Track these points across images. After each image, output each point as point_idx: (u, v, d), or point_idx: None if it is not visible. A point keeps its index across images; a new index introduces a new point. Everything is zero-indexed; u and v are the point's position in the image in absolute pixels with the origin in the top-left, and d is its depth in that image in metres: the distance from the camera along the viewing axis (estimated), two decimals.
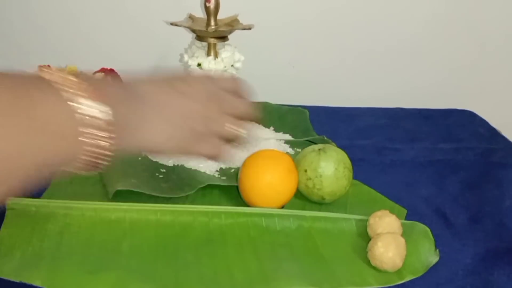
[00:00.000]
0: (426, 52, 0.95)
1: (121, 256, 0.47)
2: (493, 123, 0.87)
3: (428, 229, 0.53)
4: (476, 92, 1.00)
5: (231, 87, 0.46)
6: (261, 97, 0.87)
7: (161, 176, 0.62)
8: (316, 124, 0.80)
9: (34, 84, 0.32)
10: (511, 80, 1.02)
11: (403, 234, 0.50)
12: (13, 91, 0.30)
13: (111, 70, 0.82)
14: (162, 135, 0.40)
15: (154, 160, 0.65)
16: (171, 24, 0.66)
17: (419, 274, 0.48)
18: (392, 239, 0.47)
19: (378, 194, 0.60)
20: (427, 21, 0.92)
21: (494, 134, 0.83)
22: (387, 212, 0.51)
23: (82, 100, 0.32)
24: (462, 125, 0.85)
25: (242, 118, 0.46)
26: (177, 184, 0.59)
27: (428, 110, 0.91)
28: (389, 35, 0.92)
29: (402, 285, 0.46)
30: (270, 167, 0.55)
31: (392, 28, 0.92)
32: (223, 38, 0.65)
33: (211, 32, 0.63)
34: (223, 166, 0.64)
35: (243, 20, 0.67)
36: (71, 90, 0.32)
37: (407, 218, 0.56)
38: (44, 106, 0.31)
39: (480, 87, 1.01)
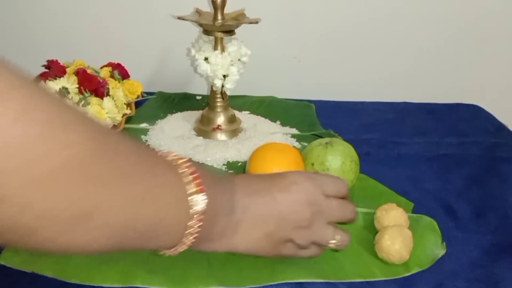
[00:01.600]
0: (432, 46, 0.95)
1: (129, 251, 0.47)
2: (500, 117, 0.87)
3: (434, 222, 0.54)
4: (482, 86, 1.00)
5: (336, 191, 0.44)
6: (267, 92, 0.88)
7: None
8: (322, 118, 0.80)
9: (159, 160, 0.34)
10: None
11: (410, 227, 0.50)
12: (142, 162, 0.31)
13: (118, 65, 0.83)
14: (253, 244, 0.40)
15: None
16: (178, 18, 0.66)
17: (426, 267, 0.48)
18: (398, 232, 0.47)
19: (385, 188, 0.60)
20: (433, 15, 0.92)
21: (500, 128, 0.83)
22: (394, 205, 0.52)
23: (198, 197, 0.34)
24: (468, 120, 0.85)
25: (344, 222, 0.45)
26: None
27: (434, 105, 0.91)
28: (394, 30, 0.92)
29: (408, 278, 0.47)
30: (277, 160, 0.55)
31: (397, 23, 0.91)
32: (230, 32, 0.65)
33: (218, 26, 0.63)
34: (230, 160, 0.65)
35: (250, 15, 0.67)
36: (193, 185, 0.34)
37: (414, 211, 0.57)
38: (166, 189, 0.33)
39: (487, 81, 1.01)
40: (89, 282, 0.43)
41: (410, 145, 0.74)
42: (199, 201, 0.34)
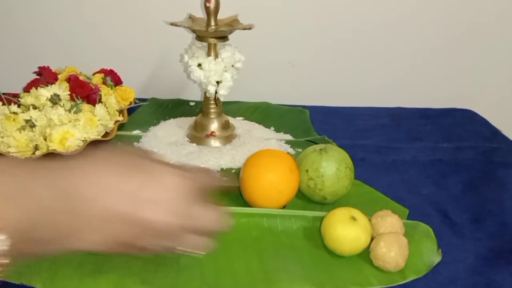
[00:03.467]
0: (427, 52, 0.95)
1: (121, 259, 0.46)
2: (494, 122, 0.87)
3: (430, 229, 0.53)
4: (477, 91, 1.00)
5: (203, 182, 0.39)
6: (262, 97, 0.87)
7: None
8: (316, 124, 0.80)
9: None
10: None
11: (406, 234, 0.50)
12: None
13: (111, 71, 0.82)
14: (96, 240, 0.34)
15: None
16: (171, 24, 0.65)
17: (422, 274, 0.47)
18: (394, 239, 0.47)
19: (380, 194, 0.60)
20: (428, 21, 0.92)
21: (495, 133, 0.83)
22: (389, 212, 0.51)
23: None
24: (463, 125, 0.85)
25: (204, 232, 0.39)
26: None
27: (429, 110, 0.91)
28: (389, 36, 0.92)
29: (405, 285, 0.46)
30: (271, 167, 0.54)
31: (392, 30, 0.91)
32: (223, 38, 0.65)
33: (211, 32, 0.63)
34: (224, 166, 0.64)
35: (243, 20, 0.67)
36: None
37: (409, 217, 0.56)
38: None
39: (481, 86, 1.01)
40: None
41: (405, 150, 0.74)
42: None
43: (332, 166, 0.55)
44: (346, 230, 0.47)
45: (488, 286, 0.47)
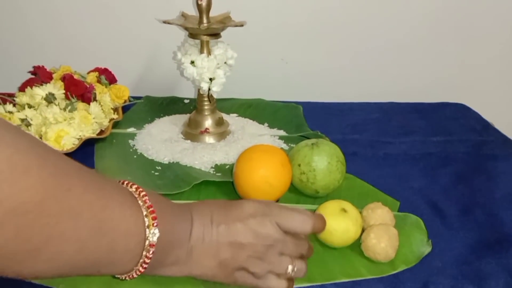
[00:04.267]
0: (419, 47, 0.96)
1: None
2: (488, 116, 0.88)
3: (420, 220, 0.54)
4: (469, 85, 1.01)
5: (294, 227, 0.43)
6: (255, 94, 0.88)
7: (156, 173, 0.62)
8: (309, 120, 0.81)
9: (116, 195, 0.35)
10: (504, 74, 1.04)
11: (396, 226, 0.51)
12: (95, 192, 0.32)
13: (105, 70, 0.83)
14: (207, 271, 0.41)
15: (150, 158, 0.66)
16: (164, 22, 0.66)
17: (412, 264, 0.48)
18: (384, 230, 0.48)
19: (371, 187, 0.61)
20: (420, 16, 0.93)
21: (486, 126, 0.84)
22: (379, 204, 0.52)
23: (154, 230, 0.35)
24: (454, 118, 0.86)
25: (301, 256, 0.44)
26: (172, 181, 0.60)
27: (421, 104, 0.92)
28: (381, 31, 0.93)
29: (395, 276, 0.47)
30: (264, 161, 0.55)
31: (384, 25, 0.92)
32: (215, 35, 0.66)
33: (204, 30, 0.64)
34: (218, 163, 0.65)
35: (235, 17, 0.68)
36: (149, 215, 0.36)
37: (400, 210, 0.57)
38: (119, 223, 0.34)
39: (474, 80, 1.02)
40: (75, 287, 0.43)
41: (396, 144, 0.75)
42: (153, 234, 0.35)
43: (323, 160, 0.56)
44: (337, 222, 0.48)
45: (476, 275, 0.48)
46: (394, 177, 0.65)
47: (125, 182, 0.38)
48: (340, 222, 0.48)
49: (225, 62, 0.67)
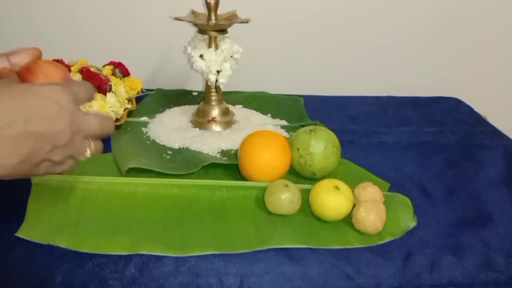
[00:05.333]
0: (417, 44, 1.01)
1: (134, 224, 0.53)
2: (482, 110, 0.92)
3: (408, 199, 0.59)
4: (464, 80, 1.06)
5: (88, 95, 0.43)
6: (259, 87, 0.94)
7: (168, 157, 0.68)
8: (310, 112, 0.86)
9: None
10: (499, 70, 1.08)
11: (385, 203, 0.56)
12: None
13: (119, 64, 0.89)
14: (10, 170, 0.38)
15: (162, 144, 0.71)
16: (175, 19, 0.72)
17: (398, 236, 0.54)
18: (373, 205, 0.53)
19: (364, 170, 0.66)
20: (418, 15, 0.98)
21: (478, 119, 0.89)
22: (370, 183, 0.57)
23: None
24: (447, 111, 0.91)
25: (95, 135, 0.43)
26: (183, 163, 0.65)
27: (417, 98, 0.97)
28: (380, 30, 0.98)
29: (382, 245, 0.53)
30: (266, 146, 0.61)
31: (383, 23, 0.97)
32: (222, 31, 0.71)
33: (212, 26, 0.69)
34: (224, 148, 0.71)
35: (242, 15, 0.73)
36: None
37: (390, 191, 0.62)
38: None
39: (468, 75, 1.07)
40: (99, 251, 0.49)
41: (391, 134, 0.80)
42: None
43: (320, 145, 0.62)
44: (330, 197, 0.53)
45: (456, 246, 0.54)
46: (386, 163, 0.71)
47: None
48: (333, 198, 0.53)
49: (231, 56, 0.73)
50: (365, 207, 0.53)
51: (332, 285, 0.49)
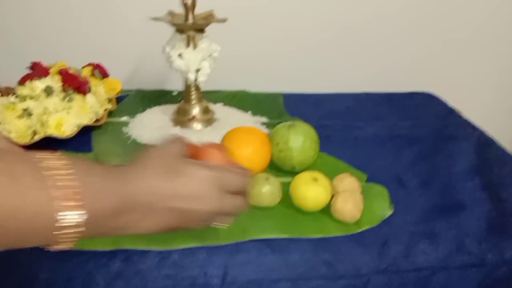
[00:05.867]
0: (391, 41, 1.04)
1: None
2: (456, 104, 0.96)
3: (384, 189, 0.62)
4: (438, 76, 1.10)
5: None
6: (239, 86, 0.95)
7: None
8: (289, 109, 0.88)
9: (27, 169, 0.32)
10: (473, 64, 1.13)
11: (362, 193, 0.58)
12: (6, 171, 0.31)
13: (98, 65, 0.89)
14: (152, 228, 0.39)
15: (143, 143, 0.72)
16: (153, 19, 0.73)
17: (375, 224, 0.56)
18: (350, 195, 0.55)
19: (342, 163, 0.68)
20: (390, 10, 1.01)
21: (450, 112, 0.92)
22: (348, 174, 0.59)
23: (74, 213, 0.33)
24: (421, 106, 0.94)
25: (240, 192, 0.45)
26: None
27: (392, 94, 0.99)
28: (355, 27, 1.01)
29: (360, 233, 0.54)
30: (245, 141, 0.62)
31: (357, 21, 1.00)
32: (200, 30, 0.72)
33: (190, 26, 0.70)
34: None
35: (219, 15, 0.74)
36: (71, 200, 0.33)
37: (367, 182, 0.65)
38: (27, 198, 0.31)
39: (444, 71, 1.11)
40: (83, 247, 0.49)
41: (367, 128, 0.82)
42: (75, 216, 0.33)
43: (299, 139, 0.63)
44: (309, 189, 0.55)
45: (430, 233, 0.56)
46: (363, 156, 0.73)
47: (54, 159, 0.34)
48: (311, 189, 0.55)
49: (210, 55, 0.74)
50: (343, 197, 0.55)
51: (312, 272, 0.51)
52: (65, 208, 0.32)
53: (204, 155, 0.46)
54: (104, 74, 0.88)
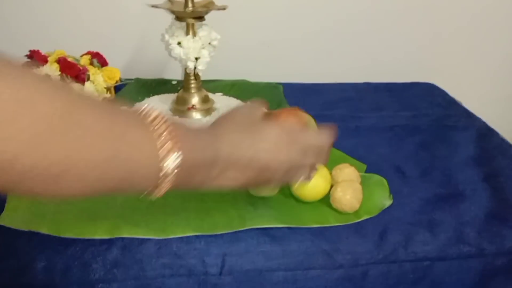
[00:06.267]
0: (393, 30, 1.03)
1: (115, 208, 0.53)
2: (454, 94, 0.95)
3: (384, 179, 0.61)
4: (438, 65, 1.09)
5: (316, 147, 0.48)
6: (239, 75, 0.95)
7: None
8: (289, 98, 0.87)
9: (132, 125, 0.35)
10: (476, 54, 1.12)
11: (362, 183, 0.58)
12: (108, 122, 0.33)
13: (97, 53, 0.88)
14: (240, 185, 0.43)
15: None
16: (152, 6, 0.72)
17: (374, 214, 0.56)
18: (349, 185, 0.55)
19: (342, 153, 0.68)
20: (392, 2, 1.00)
21: (451, 103, 0.92)
22: (347, 164, 0.59)
23: (172, 155, 0.35)
24: (422, 96, 0.94)
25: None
26: None
27: (393, 84, 0.99)
28: (357, 17, 1.00)
29: (359, 223, 0.54)
30: None
31: (358, 11, 0.99)
32: (200, 18, 0.72)
33: (189, 13, 0.70)
34: None
35: (218, 2, 0.74)
36: (167, 143, 0.35)
37: (367, 172, 0.64)
38: (136, 148, 0.34)
39: (446, 61, 1.10)
40: (81, 235, 0.49)
41: (367, 118, 0.82)
42: (173, 158, 0.35)
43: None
44: None
45: (429, 223, 0.56)
46: (363, 146, 0.72)
47: (146, 110, 0.37)
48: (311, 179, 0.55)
49: (209, 43, 0.73)
50: (342, 187, 0.54)
51: (311, 262, 0.50)
52: (166, 156, 0.35)
53: (280, 119, 0.49)
54: (103, 63, 0.87)
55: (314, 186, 0.55)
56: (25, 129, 0.29)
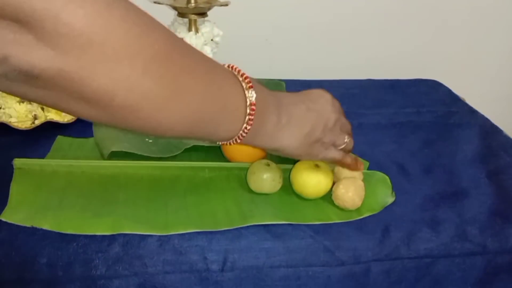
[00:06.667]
0: (397, 26, 1.02)
1: (117, 205, 0.53)
2: (462, 92, 0.95)
3: (386, 177, 0.61)
4: (447, 63, 1.09)
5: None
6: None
7: (150, 140, 0.68)
8: None
9: (220, 66, 0.43)
10: (479, 52, 1.11)
11: (364, 180, 0.58)
12: (206, 60, 0.40)
13: None
14: (294, 141, 0.48)
15: None
16: (155, 2, 0.72)
17: (376, 211, 0.55)
18: (351, 182, 0.54)
19: None
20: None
21: (455, 100, 0.91)
22: None
23: (251, 92, 0.42)
24: (426, 93, 0.93)
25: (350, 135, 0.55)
26: (165, 147, 0.66)
27: (396, 81, 0.98)
28: (360, 13, 0.99)
29: (361, 220, 0.54)
30: None
31: (362, 7, 0.99)
32: (202, 14, 0.71)
33: (191, 9, 0.69)
34: None
35: None
36: (245, 82, 0.43)
37: (369, 169, 0.64)
38: (226, 82, 0.42)
39: (450, 58, 1.10)
40: (83, 231, 0.49)
41: (370, 115, 0.81)
42: (252, 95, 0.42)
43: None
44: (310, 175, 0.55)
45: (432, 220, 0.55)
46: (366, 143, 0.72)
47: (238, 72, 0.44)
48: (313, 176, 0.55)
49: (212, 40, 0.73)
50: (344, 184, 0.54)
51: (312, 258, 0.50)
52: (248, 89, 0.42)
53: None
54: None
55: (316, 183, 0.55)
56: (144, 61, 0.33)
